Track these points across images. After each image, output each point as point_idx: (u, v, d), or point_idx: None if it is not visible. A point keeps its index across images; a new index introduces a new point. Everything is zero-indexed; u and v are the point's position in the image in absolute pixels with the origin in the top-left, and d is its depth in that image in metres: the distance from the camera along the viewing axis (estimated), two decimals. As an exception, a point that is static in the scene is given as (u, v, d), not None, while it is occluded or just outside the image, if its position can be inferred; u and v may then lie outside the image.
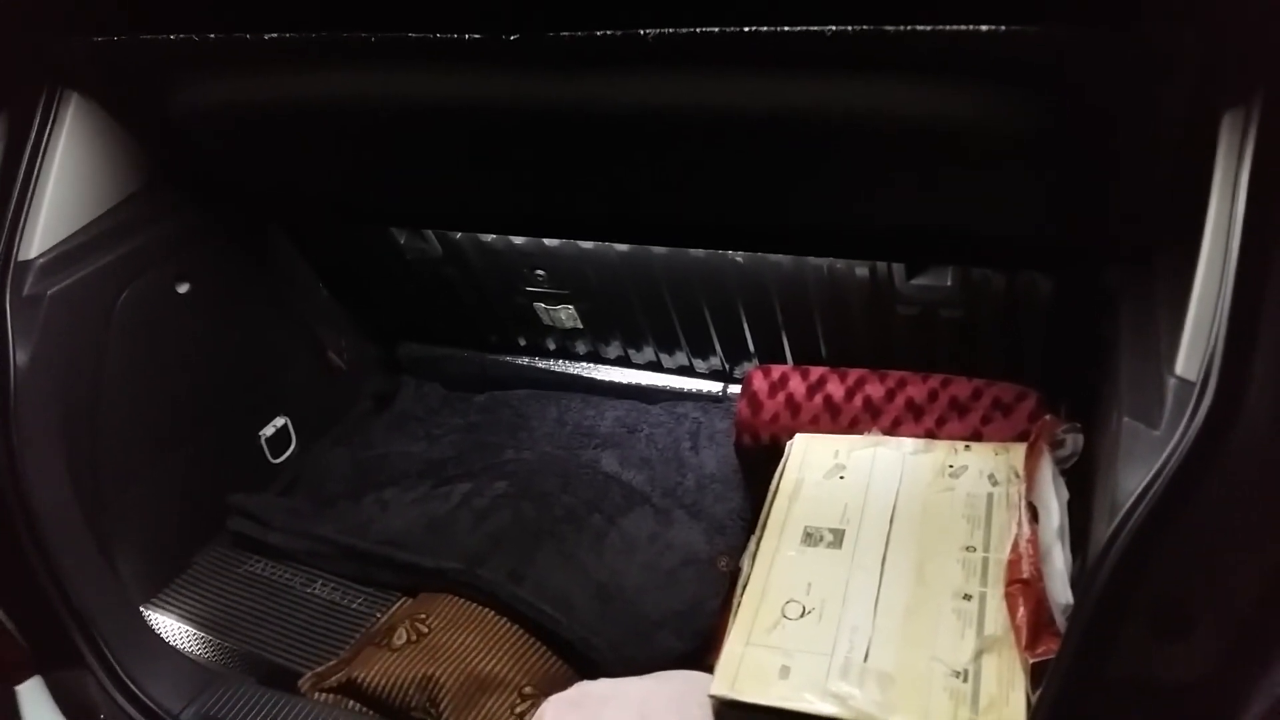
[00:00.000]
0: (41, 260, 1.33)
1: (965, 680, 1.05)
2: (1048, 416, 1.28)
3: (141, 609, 1.47)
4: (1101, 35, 0.89)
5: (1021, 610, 1.06)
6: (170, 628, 1.47)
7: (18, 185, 1.33)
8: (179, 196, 1.53)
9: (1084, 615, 0.80)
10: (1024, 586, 1.07)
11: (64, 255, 1.36)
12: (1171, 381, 0.82)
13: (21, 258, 1.32)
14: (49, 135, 1.35)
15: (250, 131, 1.43)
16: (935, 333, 1.47)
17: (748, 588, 1.22)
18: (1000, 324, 1.42)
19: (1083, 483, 1.19)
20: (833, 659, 1.09)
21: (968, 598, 1.14)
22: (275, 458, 1.74)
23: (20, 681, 1.28)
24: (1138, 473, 0.80)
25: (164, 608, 1.50)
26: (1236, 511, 0.77)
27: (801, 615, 1.16)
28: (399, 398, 1.93)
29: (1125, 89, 0.92)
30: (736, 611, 1.19)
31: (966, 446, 1.37)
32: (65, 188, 1.37)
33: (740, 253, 1.46)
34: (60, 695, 1.28)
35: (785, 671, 1.09)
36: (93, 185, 1.42)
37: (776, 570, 1.24)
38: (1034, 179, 1.07)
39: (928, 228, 1.18)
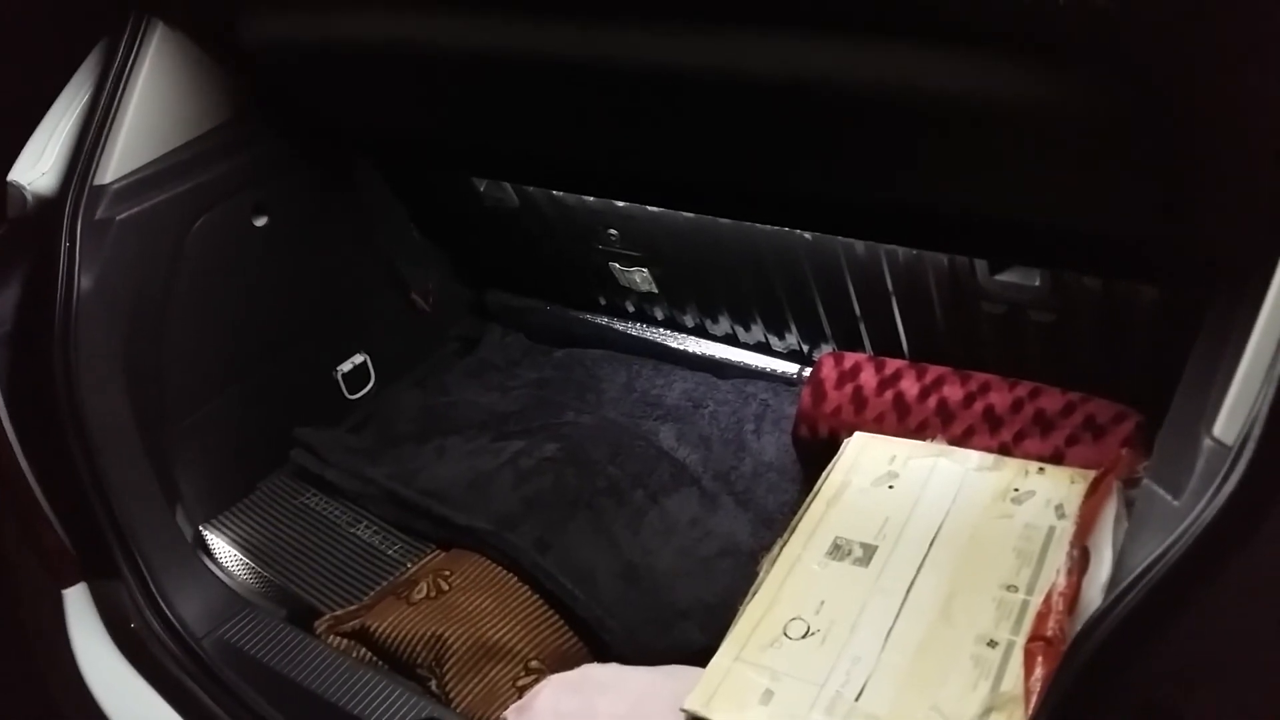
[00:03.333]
0: (116, 186, 1.37)
1: (963, 740, 0.93)
2: (1124, 449, 1.11)
3: (199, 529, 1.53)
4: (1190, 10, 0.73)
5: (1038, 672, 0.92)
6: (220, 550, 1.52)
7: (98, 110, 1.36)
8: (262, 130, 1.54)
9: (1055, 699, 0.68)
10: (1045, 645, 0.93)
11: (139, 182, 1.40)
12: (1206, 443, 0.67)
13: (97, 182, 1.36)
14: (133, 63, 1.38)
15: (329, 68, 1.42)
16: (1025, 335, 1.30)
17: (756, 596, 1.13)
18: (1100, 334, 1.24)
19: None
20: (822, 691, 0.99)
21: (993, 644, 1.01)
22: (352, 394, 1.76)
23: (68, 585, 1.35)
24: (1145, 548, 0.66)
25: (220, 529, 1.54)
26: (1257, 612, 0.63)
27: (804, 635, 1.06)
28: (483, 344, 1.92)
29: (1216, 79, 0.75)
30: (737, 620, 1.11)
31: (1040, 469, 1.22)
32: (146, 116, 1.40)
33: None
34: (99, 602, 1.34)
35: (767, 696, 1.00)
36: (175, 115, 1.44)
37: (792, 581, 1.14)
38: (1114, 172, 0.90)
39: (998, 218, 1.03)
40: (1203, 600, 0.63)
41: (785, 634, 1.07)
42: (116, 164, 1.37)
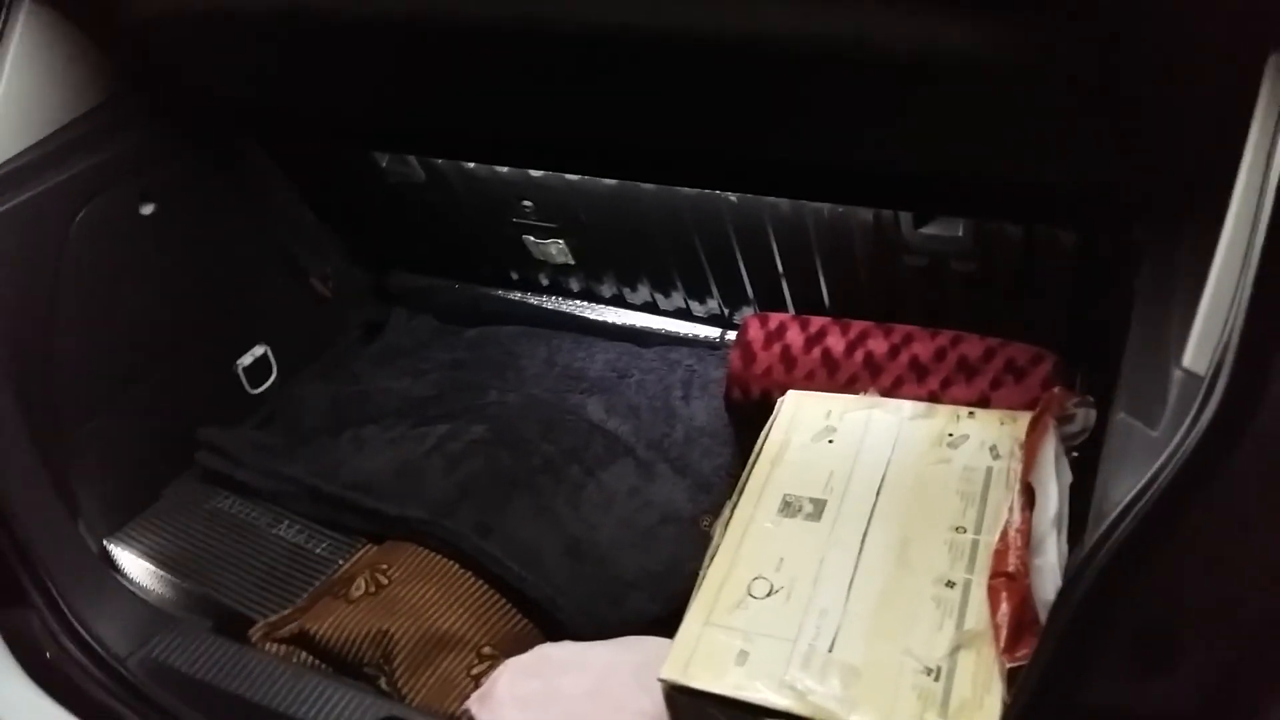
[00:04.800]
0: (-11, 179, 1.26)
1: (937, 679, 0.95)
2: (1057, 388, 1.16)
3: (104, 543, 1.43)
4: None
5: (1004, 607, 0.96)
6: (131, 564, 1.43)
7: (-39, 97, 1.25)
8: (144, 111, 1.43)
9: (1056, 634, 0.70)
10: (1008, 581, 0.97)
11: (14, 172, 1.28)
12: (1177, 375, 0.70)
13: (-34, 175, 1.25)
14: (-2, 44, 1.27)
15: (213, 38, 1.33)
16: (946, 286, 1.34)
17: (715, 559, 1.13)
18: (1017, 280, 1.29)
19: (1092, 463, 1.07)
20: (795, 646, 1.00)
21: (951, 585, 1.04)
22: (254, 388, 1.68)
23: (-33, 618, 1.25)
24: (1128, 480, 0.68)
25: (126, 543, 1.45)
26: (1238, 533, 0.66)
27: (768, 594, 1.07)
28: (389, 328, 1.85)
29: (1151, 14, 0.78)
30: (700, 585, 1.11)
31: (970, 413, 1.25)
32: (17, 100, 1.29)
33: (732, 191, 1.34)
34: (7, 633, 1.24)
35: (743, 657, 1.00)
36: (47, 98, 1.33)
37: (749, 542, 1.14)
38: (1047, 118, 0.93)
39: (928, 173, 1.05)
40: (1191, 523, 0.66)
41: (750, 594, 1.07)
42: (-12, 154, 1.26)
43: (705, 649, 1.02)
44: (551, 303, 1.76)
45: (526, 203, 1.55)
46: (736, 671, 0.99)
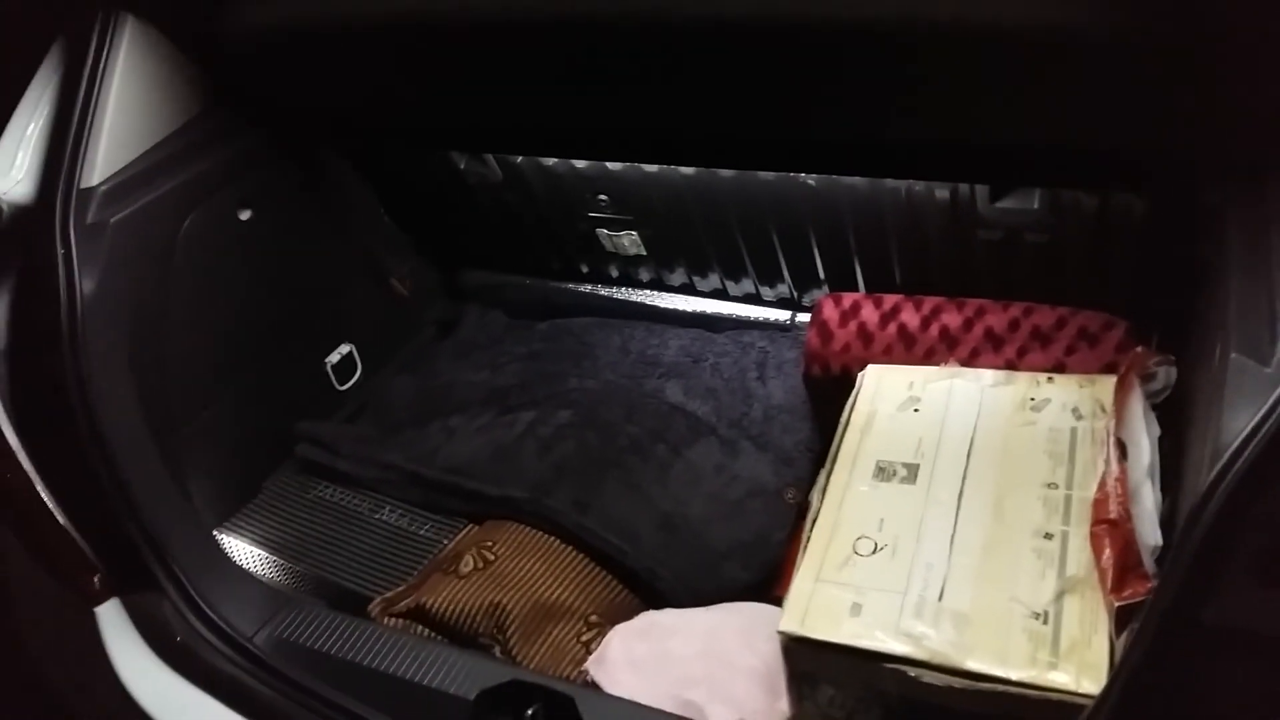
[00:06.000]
0: (104, 187, 1.32)
1: (1045, 622, 1.01)
2: (1139, 348, 1.21)
3: (214, 533, 1.50)
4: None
5: (1108, 551, 1.01)
6: (242, 552, 1.49)
7: (77, 111, 1.31)
8: (238, 122, 1.50)
9: (1185, 560, 0.75)
10: (1111, 527, 1.02)
11: (125, 182, 1.35)
12: (1287, 314, 0.76)
13: (84, 185, 1.31)
14: (106, 60, 1.33)
15: (302, 51, 1.40)
16: (1019, 259, 1.40)
17: (817, 523, 1.18)
18: (1089, 249, 1.34)
19: (1175, 418, 1.12)
20: (906, 597, 1.06)
21: (1049, 537, 1.09)
22: (341, 385, 1.75)
23: (100, 604, 1.31)
24: (1245, 412, 0.74)
25: (235, 532, 1.52)
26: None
27: (873, 552, 1.13)
28: (462, 325, 1.92)
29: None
30: (806, 547, 1.16)
31: (1049, 379, 1.31)
32: (124, 113, 1.36)
33: (812, 176, 1.40)
34: (137, 617, 1.30)
35: (856, 609, 1.06)
36: (152, 110, 1.40)
37: (847, 505, 1.20)
38: (1126, 83, 0.98)
39: (1014, 144, 1.10)
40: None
41: (856, 552, 1.13)
42: (102, 165, 1.33)
43: (819, 603, 1.08)
44: (621, 294, 1.82)
45: (603, 196, 1.61)
46: (852, 622, 1.05)
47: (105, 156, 1.33)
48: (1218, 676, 0.77)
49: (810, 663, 1.07)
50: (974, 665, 0.97)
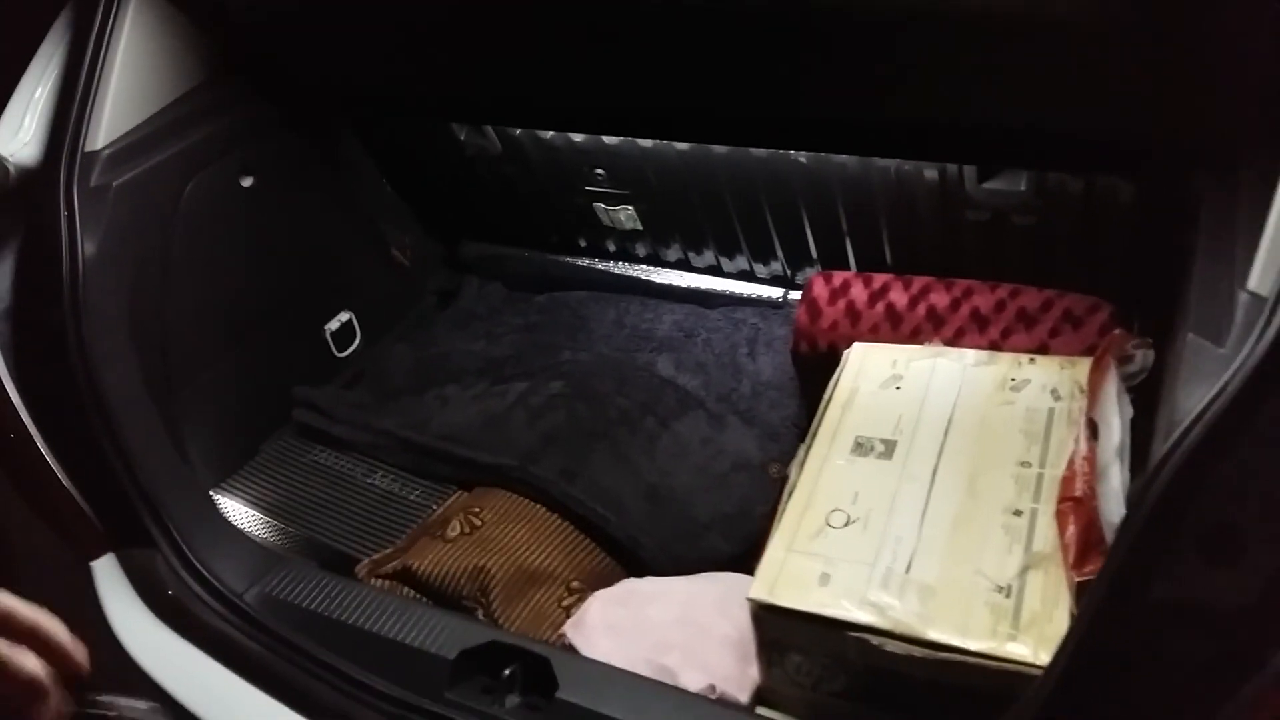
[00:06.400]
0: (108, 151, 1.35)
1: (1008, 596, 1.03)
2: (1117, 331, 1.23)
3: (210, 493, 1.53)
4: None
5: (1071, 528, 1.03)
6: (237, 512, 1.53)
7: (83, 76, 1.34)
8: (242, 90, 1.53)
9: (1130, 534, 0.77)
10: (1075, 504, 1.04)
11: (129, 147, 1.38)
12: (1243, 297, 0.77)
13: (89, 149, 1.34)
14: (112, 27, 1.36)
15: (305, 21, 1.42)
16: (1006, 240, 1.41)
17: (793, 495, 1.21)
18: (1076, 233, 1.35)
19: (1150, 401, 1.14)
20: (874, 569, 1.08)
21: (1018, 513, 1.11)
22: (340, 352, 1.78)
23: (96, 558, 1.35)
24: (1198, 391, 0.75)
25: (231, 493, 1.56)
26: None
27: (846, 524, 1.15)
28: (461, 295, 1.94)
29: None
30: (781, 517, 1.18)
31: (1030, 360, 1.32)
32: (129, 79, 1.38)
33: (804, 153, 1.41)
34: (131, 572, 1.34)
35: (825, 579, 1.08)
36: (157, 77, 1.43)
37: (824, 479, 1.22)
38: (1115, 71, 0.99)
39: (1001, 126, 1.12)
40: (1255, 430, 0.73)
41: (829, 524, 1.15)
42: (106, 129, 1.36)
43: (789, 572, 1.10)
44: (618, 268, 1.84)
45: (599, 170, 1.63)
46: (820, 591, 1.07)
47: (110, 121, 1.36)
48: (1162, 648, 0.78)
49: (779, 630, 1.09)
50: (935, 635, 1.00)
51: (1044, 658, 0.96)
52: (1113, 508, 1.03)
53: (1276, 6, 0.85)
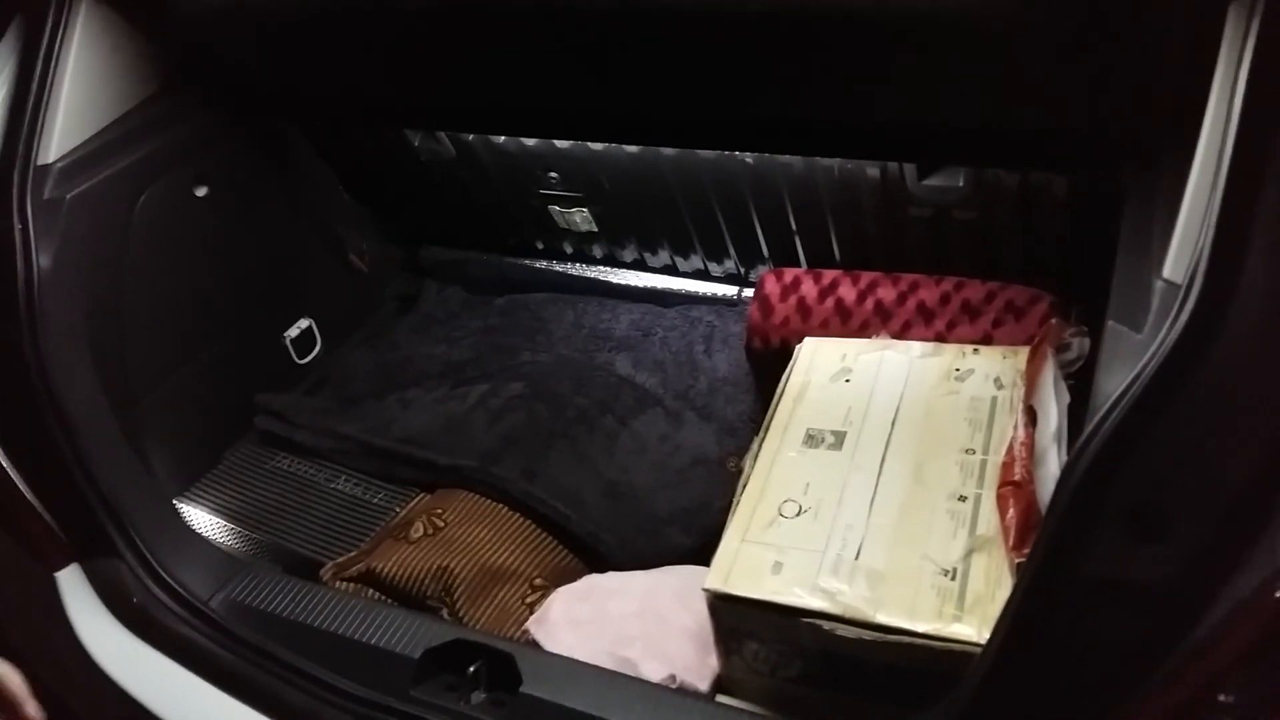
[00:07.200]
0: (60, 164, 1.35)
1: (953, 579, 1.06)
2: (1054, 320, 1.27)
3: (174, 501, 1.54)
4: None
5: (1011, 511, 1.07)
6: (201, 519, 1.54)
7: (33, 89, 1.34)
8: (195, 100, 1.54)
9: (1056, 514, 0.81)
10: (1015, 489, 1.08)
11: (82, 159, 1.38)
12: (1159, 284, 0.81)
13: (41, 161, 1.34)
14: (62, 39, 1.36)
15: (257, 31, 1.43)
16: (949, 235, 1.45)
17: (747, 487, 1.24)
18: (1015, 227, 1.40)
19: (1087, 387, 1.18)
20: (824, 556, 1.12)
21: (963, 499, 1.15)
22: (301, 358, 1.79)
23: (60, 569, 1.35)
24: (1118, 375, 0.79)
25: (195, 501, 1.56)
26: (1216, 419, 0.77)
27: (798, 514, 1.18)
28: (421, 300, 1.96)
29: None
30: (735, 509, 1.22)
31: (974, 350, 1.36)
32: (81, 91, 1.38)
33: (749, 154, 1.45)
34: (97, 581, 1.34)
35: (778, 568, 1.12)
36: (108, 88, 1.43)
37: (776, 471, 1.26)
38: (1042, 70, 1.03)
39: (933, 125, 1.15)
40: (1171, 412, 0.77)
41: (781, 514, 1.19)
42: (59, 142, 1.36)
43: (743, 562, 1.13)
44: (576, 269, 1.86)
45: (552, 174, 1.65)
46: (773, 579, 1.10)
47: (62, 134, 1.36)
48: (1089, 623, 0.82)
49: (735, 619, 1.12)
50: (883, 618, 1.03)
51: (987, 637, 1.00)
52: (1050, 490, 1.06)
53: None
